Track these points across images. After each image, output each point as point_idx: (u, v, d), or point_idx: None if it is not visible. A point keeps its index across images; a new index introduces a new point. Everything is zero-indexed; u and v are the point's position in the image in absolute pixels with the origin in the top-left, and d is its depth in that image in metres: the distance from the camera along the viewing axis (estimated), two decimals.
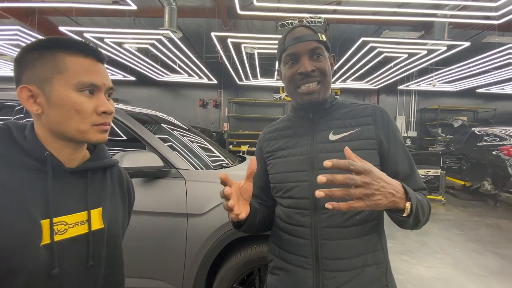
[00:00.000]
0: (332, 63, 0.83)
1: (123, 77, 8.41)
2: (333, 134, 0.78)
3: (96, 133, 0.63)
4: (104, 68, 0.66)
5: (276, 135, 0.89)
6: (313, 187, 0.74)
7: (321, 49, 0.78)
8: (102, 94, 0.63)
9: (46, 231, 0.58)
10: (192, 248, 1.59)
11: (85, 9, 5.23)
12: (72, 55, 0.60)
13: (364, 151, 0.74)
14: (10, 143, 0.59)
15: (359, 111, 0.81)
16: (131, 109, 2.13)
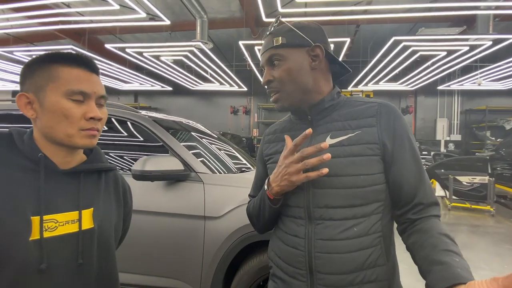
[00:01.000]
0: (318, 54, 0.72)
1: (161, 88, 9.00)
2: (330, 138, 0.71)
3: (83, 138, 0.67)
4: (97, 78, 0.70)
5: (275, 138, 0.86)
6: (308, 195, 0.70)
7: (277, 54, 0.73)
8: (92, 101, 0.68)
9: (36, 227, 0.62)
10: (209, 250, 1.63)
11: (127, 27, 5.74)
12: (65, 66, 0.66)
13: (364, 158, 0.67)
14: (10, 146, 0.66)
15: (362, 111, 0.72)
16: (157, 116, 2.28)
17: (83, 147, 0.69)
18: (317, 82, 0.74)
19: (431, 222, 0.66)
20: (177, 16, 6.05)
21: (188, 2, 4.65)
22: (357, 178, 0.66)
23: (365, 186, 0.66)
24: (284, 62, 0.73)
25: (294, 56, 0.72)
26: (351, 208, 0.67)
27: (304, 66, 0.72)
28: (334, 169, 0.67)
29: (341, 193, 0.67)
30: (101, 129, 0.71)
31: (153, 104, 10.83)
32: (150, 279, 1.71)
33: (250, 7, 5.16)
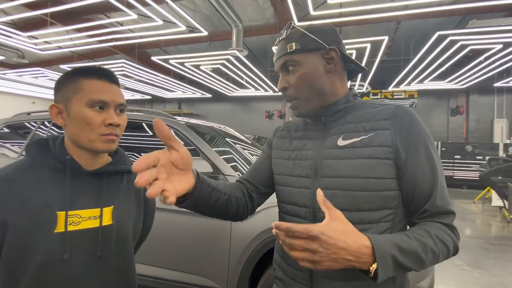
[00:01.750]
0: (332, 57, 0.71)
1: (201, 95, 9.48)
2: (343, 139, 0.69)
3: (103, 142, 0.73)
4: (116, 88, 0.77)
5: (287, 134, 0.85)
6: (315, 195, 0.67)
7: (292, 60, 0.72)
8: (111, 109, 0.74)
9: (61, 221, 0.69)
10: (236, 250, 1.68)
11: (170, 40, 6.20)
12: (88, 78, 0.73)
13: (374, 161, 0.64)
14: (44, 150, 0.75)
15: (377, 113, 0.69)
16: (191, 121, 2.44)
17: (104, 151, 0.75)
18: (334, 85, 0.73)
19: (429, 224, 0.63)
20: (216, 26, 6.35)
21: (224, 13, 4.87)
22: (366, 181, 0.63)
23: (374, 190, 0.63)
24: (299, 68, 0.71)
25: (308, 61, 0.71)
26: (357, 212, 0.64)
27: (320, 70, 0.71)
28: (343, 171, 0.66)
29: (347, 195, 0.65)
30: (120, 134, 0.77)
31: (195, 110, 11.43)
32: (180, 275, 1.81)
33: (284, 13, 5.20)
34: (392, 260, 0.54)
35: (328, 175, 0.67)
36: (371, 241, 0.53)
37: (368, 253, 0.52)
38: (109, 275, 0.76)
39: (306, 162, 0.73)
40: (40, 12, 4.34)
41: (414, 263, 0.56)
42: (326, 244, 0.49)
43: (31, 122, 2.55)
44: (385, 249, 0.54)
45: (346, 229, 0.52)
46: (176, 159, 0.55)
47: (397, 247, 0.55)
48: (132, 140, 2.22)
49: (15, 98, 10.96)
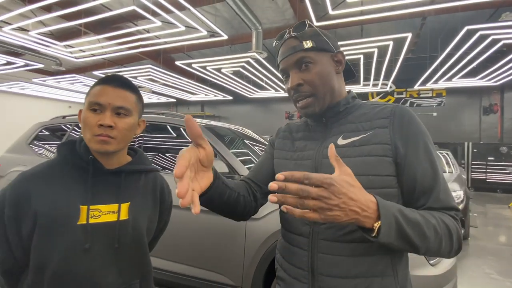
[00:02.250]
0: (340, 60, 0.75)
1: (223, 97, 9.67)
2: (342, 139, 0.71)
3: (96, 143, 0.77)
4: (121, 92, 0.81)
5: (288, 135, 0.86)
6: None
7: (308, 57, 0.72)
8: (107, 111, 0.78)
9: (83, 214, 0.76)
10: (250, 249, 1.73)
11: (193, 45, 6.41)
12: (98, 85, 0.81)
13: (373, 158, 0.65)
14: (73, 150, 0.82)
15: (376, 113, 0.71)
16: (209, 122, 2.53)
17: (98, 151, 0.79)
18: (340, 85, 0.76)
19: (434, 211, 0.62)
20: (236, 30, 6.47)
21: (244, 16, 4.96)
22: (365, 178, 0.63)
23: (374, 187, 0.62)
24: (315, 65, 0.72)
25: (323, 59, 0.73)
26: None
27: (331, 70, 0.74)
28: None
29: None
30: (119, 135, 0.79)
31: (217, 112, 11.67)
32: (197, 271, 1.89)
33: (303, 13, 5.19)
34: (395, 222, 0.53)
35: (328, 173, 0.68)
36: (376, 199, 0.54)
37: (373, 208, 0.53)
38: (126, 264, 0.82)
39: (307, 162, 0.74)
40: (75, 22, 4.70)
41: (417, 236, 0.55)
42: (338, 192, 0.49)
43: (66, 124, 2.79)
44: (389, 208, 0.54)
45: (356, 184, 0.53)
46: (203, 157, 0.58)
47: (400, 213, 0.55)
48: (154, 141, 2.35)
49: (54, 103, 11.86)
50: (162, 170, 2.16)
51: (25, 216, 0.74)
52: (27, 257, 0.76)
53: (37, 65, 6.91)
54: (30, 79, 8.72)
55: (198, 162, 0.58)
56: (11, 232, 0.75)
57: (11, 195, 0.75)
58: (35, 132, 2.86)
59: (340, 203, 0.50)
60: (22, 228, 0.75)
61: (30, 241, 0.75)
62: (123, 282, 0.82)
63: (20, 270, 0.79)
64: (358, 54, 4.92)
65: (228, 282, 1.80)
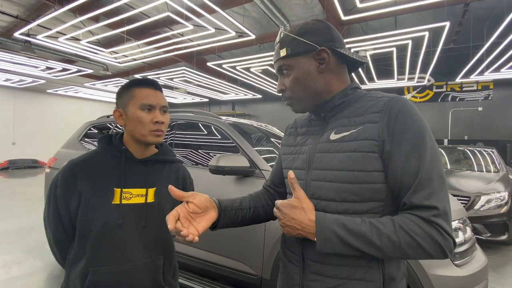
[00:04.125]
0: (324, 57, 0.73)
1: (252, 96, 9.82)
2: (335, 134, 0.72)
3: (152, 136, 0.93)
4: (160, 93, 0.96)
5: (294, 131, 0.90)
6: (307, 186, 0.73)
7: (285, 65, 0.75)
8: (157, 110, 0.93)
9: (117, 196, 0.90)
10: (270, 239, 1.80)
11: (223, 46, 6.64)
12: (139, 87, 0.94)
13: (359, 154, 0.65)
14: (110, 142, 0.98)
15: (370, 106, 0.70)
16: (234, 120, 2.66)
17: (153, 143, 0.96)
18: (328, 83, 0.75)
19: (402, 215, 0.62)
20: (265, 28, 6.55)
21: (272, 15, 5.03)
22: (350, 173, 0.66)
23: (358, 182, 0.65)
24: (292, 72, 0.74)
25: (300, 64, 0.73)
26: (343, 202, 0.67)
27: (311, 72, 0.73)
28: (331, 164, 0.69)
29: (334, 186, 0.68)
30: (165, 129, 0.96)
31: (247, 111, 11.88)
32: (218, 257, 2.02)
33: (332, 8, 5.10)
34: (335, 235, 0.62)
35: (319, 167, 0.72)
36: (316, 217, 0.64)
37: (312, 226, 0.64)
38: (151, 240, 0.96)
39: (303, 156, 0.78)
40: (118, 30, 5.16)
41: (365, 245, 0.61)
42: (283, 213, 0.67)
43: (110, 123, 3.12)
44: (326, 224, 0.63)
45: (300, 206, 0.66)
46: (194, 208, 0.72)
47: (342, 226, 0.63)
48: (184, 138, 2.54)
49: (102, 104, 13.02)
50: (192, 164, 2.33)
51: (72, 194, 0.90)
52: (74, 230, 0.93)
53: (87, 70, 7.67)
54: (82, 83, 9.69)
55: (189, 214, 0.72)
56: (62, 208, 0.91)
57: (62, 177, 0.92)
58: (84, 130, 3.24)
59: (286, 221, 0.66)
60: (70, 204, 0.91)
61: (76, 216, 0.91)
62: (148, 256, 0.94)
63: (68, 240, 0.95)
64: (391, 47, 4.70)
65: (249, 270, 1.90)
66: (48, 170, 3.05)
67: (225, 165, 1.90)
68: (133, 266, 0.91)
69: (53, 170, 2.99)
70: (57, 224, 0.93)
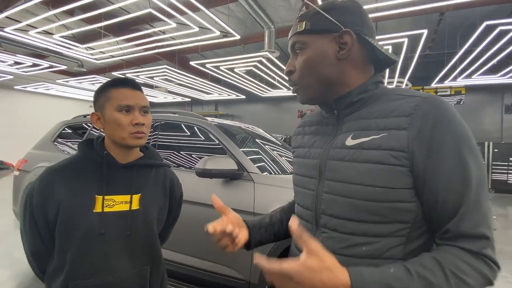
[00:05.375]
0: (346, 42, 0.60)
1: (236, 96, 9.76)
2: (352, 138, 0.60)
3: (133, 139, 0.86)
4: (139, 93, 0.90)
5: (303, 130, 0.79)
6: (318, 199, 0.62)
7: (299, 42, 0.64)
8: (136, 111, 0.87)
9: (99, 203, 0.85)
10: None
11: (207, 45, 6.53)
12: (115, 88, 0.88)
13: (383, 167, 0.53)
14: (91, 147, 0.91)
15: (396, 107, 0.57)
16: (220, 121, 2.60)
17: (134, 146, 0.89)
18: (345, 74, 0.62)
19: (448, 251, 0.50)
20: (250, 29, 6.51)
21: (256, 16, 5.00)
22: (371, 189, 0.54)
23: (381, 200, 0.54)
24: (306, 51, 0.63)
25: (317, 44, 0.62)
26: (361, 223, 0.56)
27: (328, 56, 0.61)
28: (347, 175, 0.57)
29: (351, 203, 0.56)
30: (147, 131, 0.90)
31: (230, 111, 11.80)
32: (206, 263, 1.96)
33: None
34: None
35: (332, 178, 0.60)
36: (351, 282, 0.46)
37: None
38: (137, 250, 0.90)
39: (312, 161, 0.67)
40: (95, 25, 4.91)
41: None
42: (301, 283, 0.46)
43: (87, 123, 2.95)
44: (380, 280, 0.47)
45: (323, 266, 0.46)
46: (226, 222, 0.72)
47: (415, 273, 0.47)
48: (168, 139, 2.45)
49: (76, 102, 12.39)
50: (176, 167, 2.25)
51: (50, 204, 0.83)
52: (53, 241, 0.85)
53: (60, 66, 7.26)
54: (54, 80, 9.17)
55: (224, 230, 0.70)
56: (38, 218, 0.84)
57: (38, 186, 0.84)
58: (58, 130, 3.04)
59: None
60: (48, 214, 0.84)
61: (55, 227, 0.84)
62: (134, 266, 0.89)
63: (47, 252, 0.88)
64: None
65: (237, 275, 1.86)
66: (17, 173, 2.83)
67: (212, 168, 1.85)
68: (117, 277, 0.85)
69: (23, 173, 2.78)
70: (35, 235, 0.86)
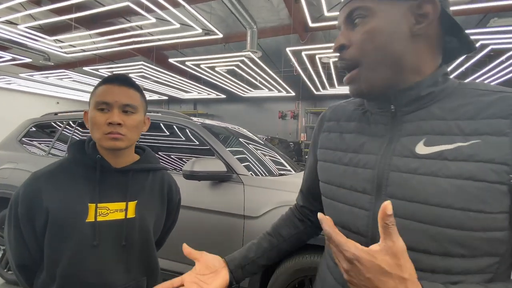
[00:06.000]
0: (427, 13, 0.46)
1: (216, 96, 9.63)
2: (425, 145, 0.46)
3: (107, 140, 0.77)
4: (125, 90, 0.79)
5: (337, 125, 0.61)
6: (375, 221, 0.45)
7: (362, 8, 0.48)
8: (115, 109, 0.77)
9: (91, 212, 0.77)
10: None
11: (187, 43, 6.36)
12: (102, 85, 0.80)
13: (480, 185, 0.41)
14: (81, 150, 0.83)
15: (486, 106, 0.44)
16: (207, 122, 2.53)
17: (110, 148, 0.79)
18: (418, 56, 0.48)
19: None
20: (231, 28, 6.45)
21: (239, 15, 4.96)
22: (462, 214, 0.41)
23: (473, 228, 0.41)
24: (371, 19, 0.48)
25: (388, 11, 0.47)
26: (444, 257, 0.43)
27: (401, 29, 0.47)
28: (424, 194, 0.44)
29: (431, 231, 0.43)
30: (128, 132, 0.79)
31: (210, 111, 11.61)
32: None
33: (298, 14, 5.23)
34: None
35: (399, 196, 0.46)
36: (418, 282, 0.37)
37: None
38: (133, 262, 0.83)
39: (365, 171, 0.51)
40: (65, 17, 4.58)
41: None
42: (359, 274, 0.38)
43: (58, 122, 2.73)
44: None
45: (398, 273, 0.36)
46: (201, 269, 0.62)
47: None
48: (151, 139, 2.33)
49: (41, 98, 11.54)
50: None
51: (37, 213, 0.75)
52: (41, 253, 0.77)
53: (24, 59, 6.71)
54: (17, 73, 8.47)
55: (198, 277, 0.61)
56: (25, 229, 0.76)
57: (23, 194, 0.76)
58: (26, 128, 2.79)
59: (361, 284, 0.38)
60: (36, 224, 0.76)
61: (43, 238, 0.76)
62: (130, 279, 0.83)
63: (35, 266, 0.80)
64: None
65: None
66: None
67: (201, 170, 1.79)
68: None
69: None
70: (21, 248, 0.77)
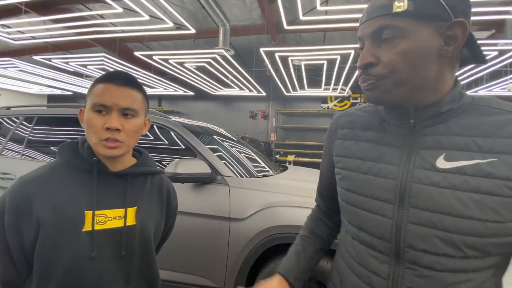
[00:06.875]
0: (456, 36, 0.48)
1: (183, 92, 9.31)
2: (445, 160, 0.49)
3: (103, 148, 0.70)
4: (127, 91, 0.73)
5: (353, 133, 0.63)
6: (399, 230, 0.51)
7: (394, 26, 0.48)
8: (113, 112, 0.71)
9: (88, 220, 0.70)
10: (234, 250, 1.72)
11: (154, 36, 6.05)
12: (102, 82, 0.73)
13: (497, 199, 0.45)
14: (74, 152, 0.76)
15: (503, 125, 0.47)
16: (187, 121, 2.43)
17: (106, 156, 0.73)
18: (441, 77, 0.50)
19: None
20: (200, 23, 6.28)
21: (212, 12, 4.85)
22: (481, 224, 0.45)
23: (489, 236, 0.46)
24: (403, 40, 0.48)
25: (420, 32, 0.48)
26: (463, 259, 0.48)
27: (432, 50, 0.48)
28: (446, 205, 0.47)
29: (451, 238, 0.47)
30: (126, 139, 0.73)
31: (176, 108, 11.19)
32: (177, 275, 1.82)
33: (271, 15, 5.28)
34: None
35: (422, 206, 0.49)
36: None
37: None
38: (133, 272, 0.78)
39: (387, 181, 0.53)
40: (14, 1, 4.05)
41: None
42: None
43: (12, 117, 2.41)
44: None
45: None
46: None
47: None
48: None
49: None
50: None
51: (26, 223, 0.67)
52: (29, 268, 0.69)
53: None
54: None
55: None
56: (12, 241, 0.67)
57: (10, 202, 0.66)
58: None
59: None
60: (24, 236, 0.67)
61: (32, 251, 0.68)
62: None
63: (22, 282, 0.71)
64: (323, 60, 5.20)
65: (211, 284, 1.78)
66: None
67: (184, 172, 1.73)
68: None
69: None
70: (6, 262, 0.68)
